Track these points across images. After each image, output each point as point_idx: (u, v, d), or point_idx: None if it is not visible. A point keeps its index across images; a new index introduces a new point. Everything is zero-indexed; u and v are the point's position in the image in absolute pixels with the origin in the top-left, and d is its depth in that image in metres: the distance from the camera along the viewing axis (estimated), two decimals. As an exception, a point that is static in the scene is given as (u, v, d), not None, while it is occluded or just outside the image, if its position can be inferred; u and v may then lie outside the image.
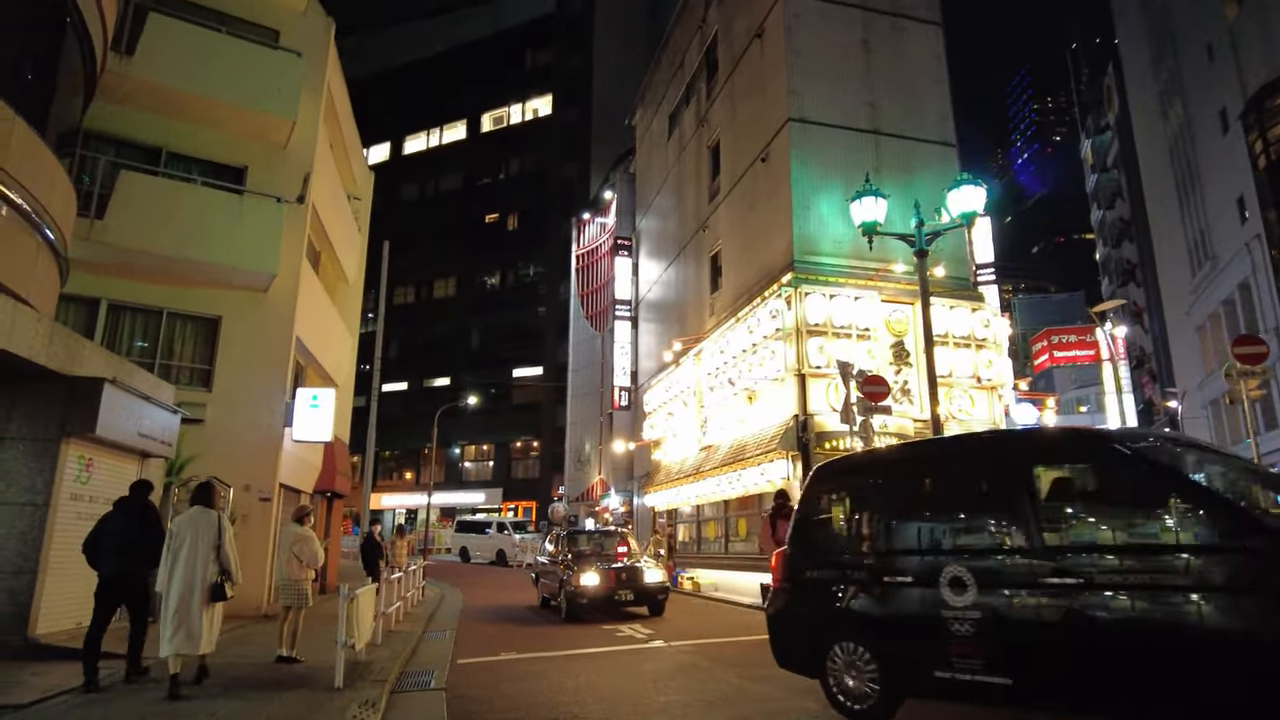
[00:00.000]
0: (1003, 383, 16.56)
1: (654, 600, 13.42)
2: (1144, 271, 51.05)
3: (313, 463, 17.59)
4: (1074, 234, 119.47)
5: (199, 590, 6.84)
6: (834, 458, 8.32)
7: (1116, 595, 4.35)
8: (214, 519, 7.09)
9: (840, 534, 6.41)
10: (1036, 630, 4.65)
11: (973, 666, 4.94)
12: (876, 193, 12.85)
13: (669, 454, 22.86)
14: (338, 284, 21.32)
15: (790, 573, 6.51)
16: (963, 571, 5.05)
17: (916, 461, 6.33)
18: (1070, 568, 4.55)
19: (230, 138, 14.72)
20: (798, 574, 6.44)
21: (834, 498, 6.67)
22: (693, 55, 24.02)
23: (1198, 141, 38.00)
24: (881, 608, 5.58)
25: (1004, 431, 7.80)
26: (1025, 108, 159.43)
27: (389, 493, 48.73)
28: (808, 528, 6.65)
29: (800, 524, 6.70)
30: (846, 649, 5.76)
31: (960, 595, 5.02)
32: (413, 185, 55.93)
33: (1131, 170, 51.14)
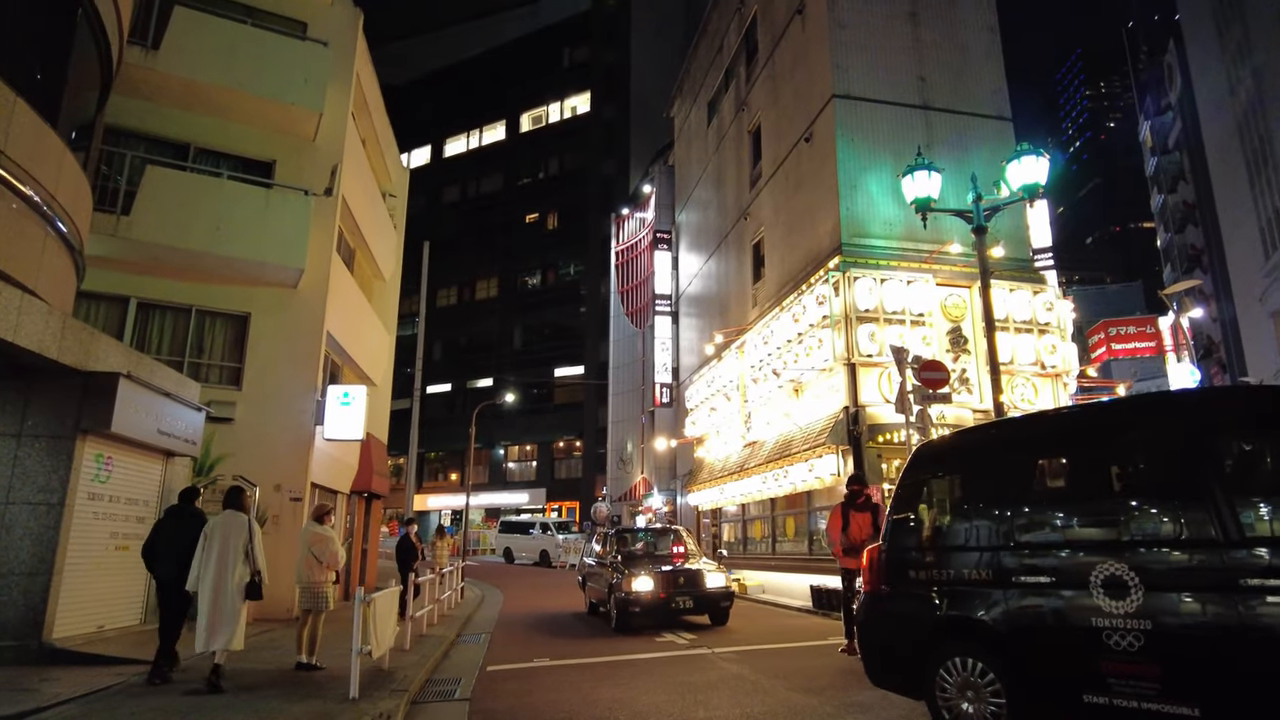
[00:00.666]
0: (1068, 369, 15.47)
1: (717, 607, 11.94)
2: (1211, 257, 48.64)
3: (348, 463, 17.29)
4: (1131, 222, 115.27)
5: (230, 591, 7.13)
6: (935, 437, 6.83)
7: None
8: (244, 522, 7.35)
9: (951, 527, 5.34)
10: (1237, 645, 3.65)
11: (1140, 691, 3.97)
12: (930, 166, 12.00)
13: (712, 451, 22.12)
14: (374, 282, 21.08)
15: (887, 574, 5.59)
16: (1122, 569, 4.09)
17: (1052, 435, 5.18)
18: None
19: (258, 131, 14.47)
20: (897, 575, 5.51)
21: (941, 483, 5.61)
22: (731, 39, 23.27)
23: (1270, 116, 35.94)
24: (1009, 615, 4.58)
25: (1174, 394, 6.40)
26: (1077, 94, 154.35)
27: (435, 494, 48.83)
28: (908, 520, 5.66)
29: (899, 516, 5.71)
30: (962, 666, 4.83)
31: (1119, 600, 4.07)
32: (454, 188, 56.06)
33: (1195, 151, 48.76)
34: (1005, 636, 4.59)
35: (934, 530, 5.47)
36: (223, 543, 7.15)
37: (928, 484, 5.70)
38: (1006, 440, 5.45)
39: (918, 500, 5.68)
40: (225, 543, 7.15)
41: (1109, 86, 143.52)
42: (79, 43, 9.35)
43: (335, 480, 16.49)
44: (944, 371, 11.44)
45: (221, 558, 7.11)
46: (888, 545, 5.66)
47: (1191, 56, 47.91)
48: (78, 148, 9.62)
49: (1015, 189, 11.64)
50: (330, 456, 15.49)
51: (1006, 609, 4.61)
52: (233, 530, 7.23)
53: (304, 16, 15.45)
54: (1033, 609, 4.50)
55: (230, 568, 7.11)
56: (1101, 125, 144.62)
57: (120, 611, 9.77)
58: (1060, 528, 4.67)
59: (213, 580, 7.06)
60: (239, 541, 7.19)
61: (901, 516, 5.69)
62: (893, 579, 5.53)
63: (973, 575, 4.89)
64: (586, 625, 13.03)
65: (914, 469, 5.87)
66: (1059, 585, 4.41)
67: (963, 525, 5.21)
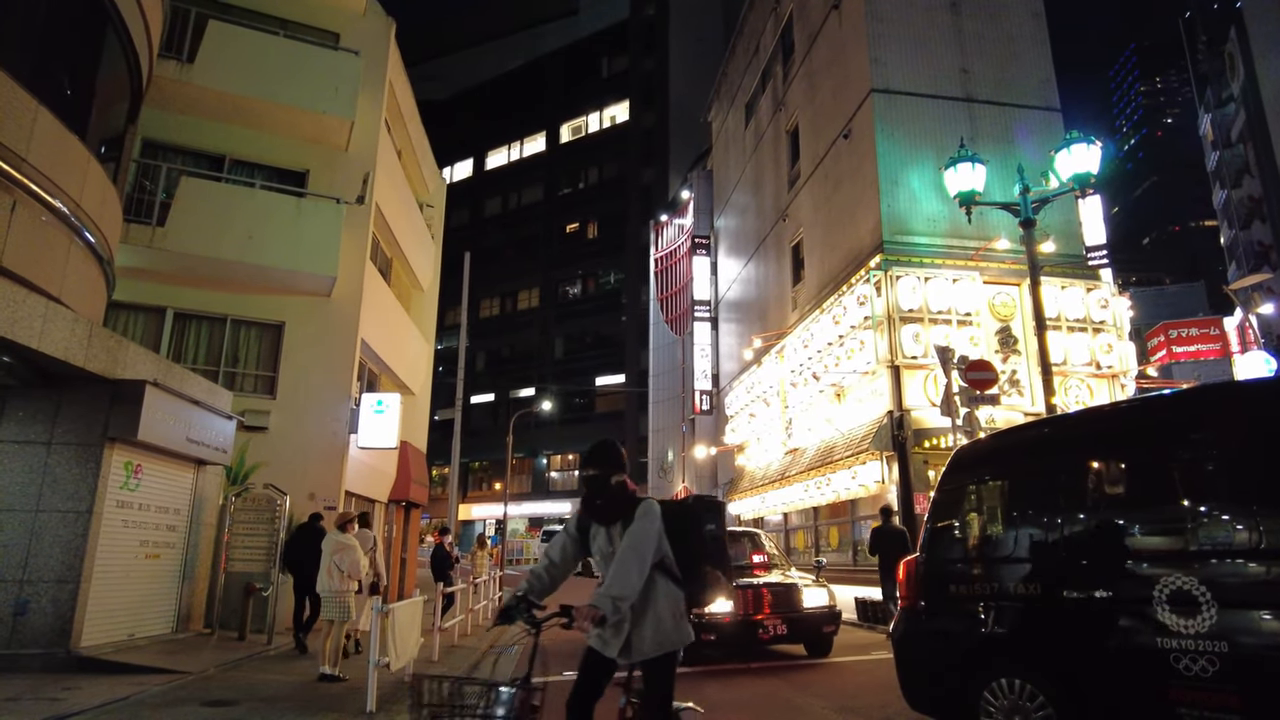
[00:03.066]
0: (1126, 370, 14.70)
1: (818, 634, 9.40)
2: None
3: (385, 471, 17.26)
4: (1191, 220, 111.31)
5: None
6: (977, 439, 6.01)
7: None
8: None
9: (997, 536, 4.80)
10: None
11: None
12: (973, 158, 11.49)
13: (752, 459, 21.64)
14: (411, 292, 21.13)
15: (925, 588, 5.03)
16: (1190, 583, 3.60)
17: (1109, 432, 4.57)
18: None
19: (291, 141, 14.55)
20: (936, 589, 4.96)
21: (985, 488, 5.06)
22: (768, 39, 22.89)
23: (1340, 104, 34.16)
24: (1063, 634, 4.09)
25: (1247, 382, 5.54)
26: (1131, 90, 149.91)
27: (478, 503, 49.02)
28: (949, 529, 5.13)
29: (938, 525, 5.18)
30: (1008, 689, 4.30)
31: (1189, 619, 3.58)
32: (495, 200, 56.56)
33: (1260, 142, 46.69)
34: (1059, 658, 4.11)
35: (978, 540, 4.97)
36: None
37: (970, 489, 5.17)
38: (1058, 439, 4.87)
39: (959, 507, 5.17)
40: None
41: (1165, 81, 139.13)
42: (107, 56, 9.42)
43: (372, 489, 16.45)
44: (991, 372, 10.87)
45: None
46: (926, 557, 5.13)
47: (1255, 44, 45.96)
48: (107, 159, 9.69)
49: (1065, 179, 11.08)
50: (367, 465, 15.45)
51: (1060, 627, 4.11)
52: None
53: (336, 27, 15.54)
54: (1089, 627, 4.01)
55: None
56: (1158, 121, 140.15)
57: (151, 620, 9.74)
58: (1120, 536, 4.13)
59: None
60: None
61: (941, 525, 5.17)
62: (932, 593, 5.02)
63: (1022, 589, 4.40)
64: None
65: (954, 473, 5.30)
66: (1119, 601, 3.92)
67: (1010, 534, 4.69)
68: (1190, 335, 52.24)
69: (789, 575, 10.01)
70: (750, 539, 11.64)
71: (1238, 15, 49.66)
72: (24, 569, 8.09)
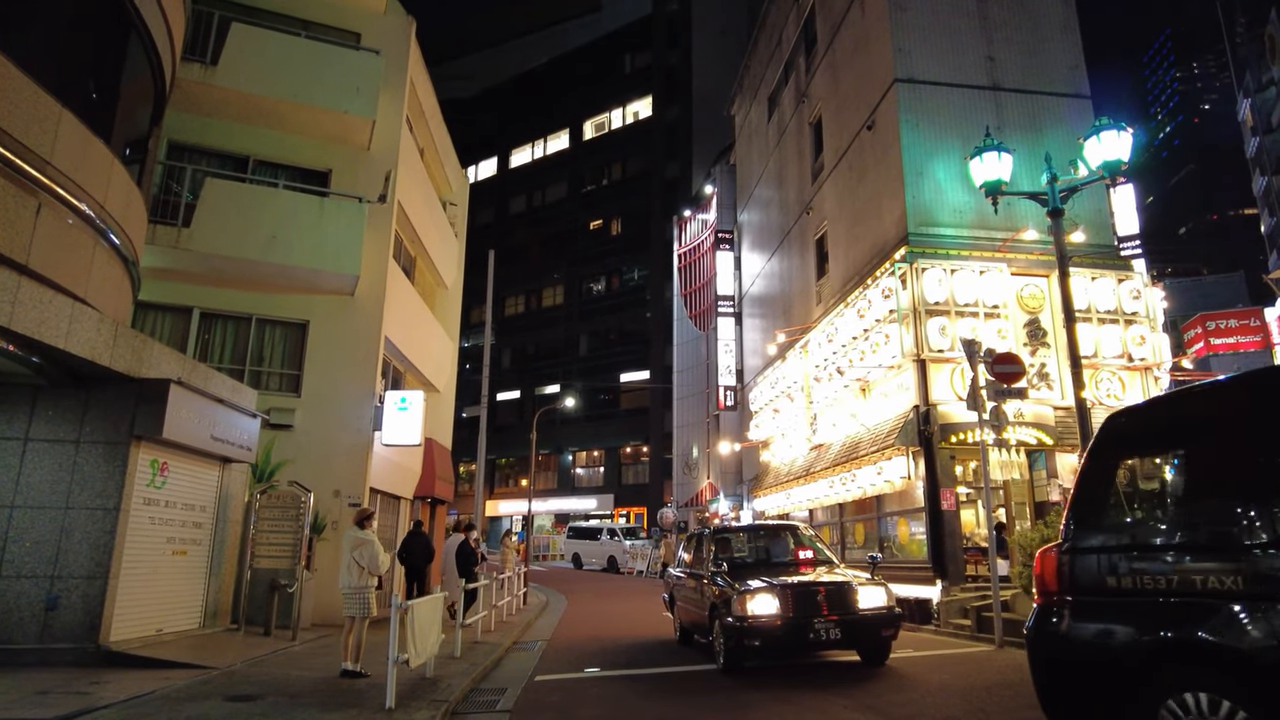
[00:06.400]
0: (1159, 362, 14.34)
1: (876, 638, 8.37)
2: (1321, 241, 45.14)
3: (410, 468, 17.38)
4: (1230, 209, 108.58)
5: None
6: (1136, 403, 4.92)
7: None
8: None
9: (1173, 519, 3.95)
10: None
11: None
12: (1000, 147, 11.26)
13: (777, 455, 21.49)
14: (435, 290, 21.24)
15: (1072, 582, 4.27)
16: None
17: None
18: None
19: (313, 142, 14.69)
20: (1087, 583, 4.19)
21: (1154, 463, 4.25)
22: (790, 31, 22.66)
23: (1385, 87, 33.07)
24: (1272, 637, 3.29)
25: None
26: (1166, 76, 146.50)
27: (505, 499, 49.29)
28: (1103, 510, 4.34)
29: (1087, 505, 4.38)
30: (1195, 705, 3.49)
31: None
32: (520, 197, 56.75)
33: (1301, 128, 45.38)
34: (1265, 667, 3.28)
35: (1145, 524, 4.14)
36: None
37: (1130, 464, 4.35)
38: (1257, 402, 3.91)
39: (1118, 485, 4.35)
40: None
41: (1202, 66, 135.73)
42: (130, 59, 9.54)
43: (397, 485, 16.57)
44: (1018, 365, 10.66)
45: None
46: (1071, 545, 4.33)
47: (1294, 27, 44.62)
48: (131, 162, 9.82)
49: (1094, 168, 10.82)
50: (391, 462, 15.57)
51: (1268, 629, 3.30)
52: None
53: (357, 27, 15.63)
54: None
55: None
56: (1195, 108, 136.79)
57: (179, 615, 9.89)
58: None
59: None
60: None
61: (1092, 506, 4.38)
62: (1080, 588, 4.25)
63: (1211, 583, 3.60)
64: (669, 653, 10.23)
65: (1108, 446, 4.45)
66: None
67: (1192, 517, 3.88)
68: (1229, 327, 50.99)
69: (841, 572, 9.03)
70: (791, 533, 10.86)
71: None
72: (54, 565, 8.24)
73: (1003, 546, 12.39)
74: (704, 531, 11.39)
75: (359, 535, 8.13)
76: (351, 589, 8.00)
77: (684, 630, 10.95)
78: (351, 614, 8.01)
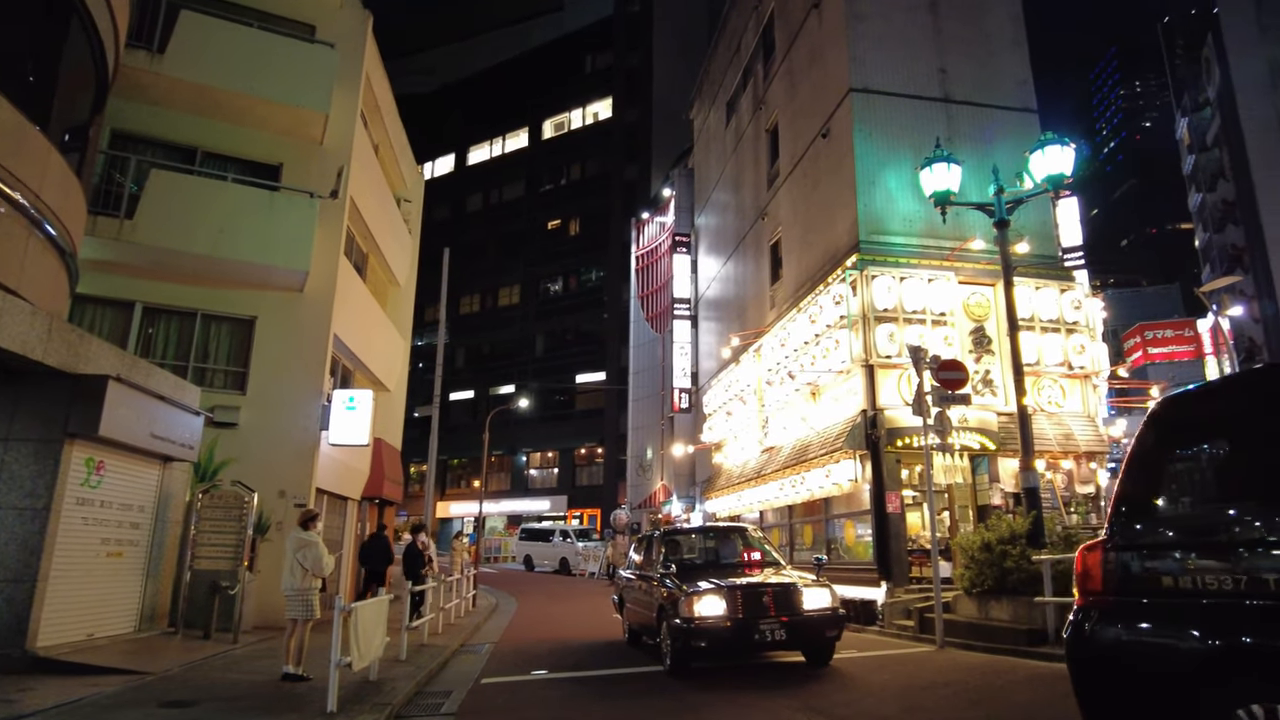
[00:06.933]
0: (1098, 370, 14.81)
1: (820, 639, 8.48)
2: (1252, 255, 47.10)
3: (358, 468, 17.12)
4: (1168, 223, 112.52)
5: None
6: (1190, 386, 4.42)
7: None
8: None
9: (1237, 511, 3.57)
10: None
11: None
12: (949, 158, 11.56)
13: (730, 457, 21.68)
14: (388, 287, 20.95)
15: (1120, 581, 3.83)
16: None
17: None
18: None
19: (264, 135, 14.38)
20: (1139, 583, 3.76)
21: (1216, 450, 3.86)
22: (749, 38, 22.88)
23: (1313, 109, 34.64)
24: None
25: None
26: (1111, 93, 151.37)
27: (457, 501, 48.79)
28: (1158, 503, 3.95)
29: (1138, 498, 3.97)
30: (1264, 719, 3.10)
31: None
32: (477, 195, 56.28)
33: (1235, 147, 47.28)
34: None
35: (1207, 518, 3.71)
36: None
37: (1188, 452, 3.99)
38: None
39: (1171, 476, 3.99)
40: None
41: (1144, 84, 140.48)
42: (71, 44, 9.24)
43: (344, 486, 16.32)
44: (962, 371, 10.93)
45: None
46: (1119, 541, 3.89)
47: (1230, 49, 46.53)
48: (70, 150, 9.51)
49: (1039, 180, 11.17)
50: (339, 462, 15.32)
51: None
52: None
53: (312, 19, 15.36)
54: None
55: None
56: (1137, 124, 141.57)
57: (112, 619, 9.59)
58: None
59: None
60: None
61: (1143, 500, 3.97)
62: (1130, 588, 3.81)
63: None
64: (616, 654, 10.18)
65: (1161, 432, 4.00)
66: None
67: (1262, 510, 3.46)
68: (1165, 337, 52.89)
69: (787, 574, 9.12)
70: (740, 535, 10.91)
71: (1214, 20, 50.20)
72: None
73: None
74: (654, 534, 11.39)
75: (303, 536, 7.98)
76: (294, 591, 7.86)
77: (633, 632, 10.93)
78: (294, 616, 7.86)
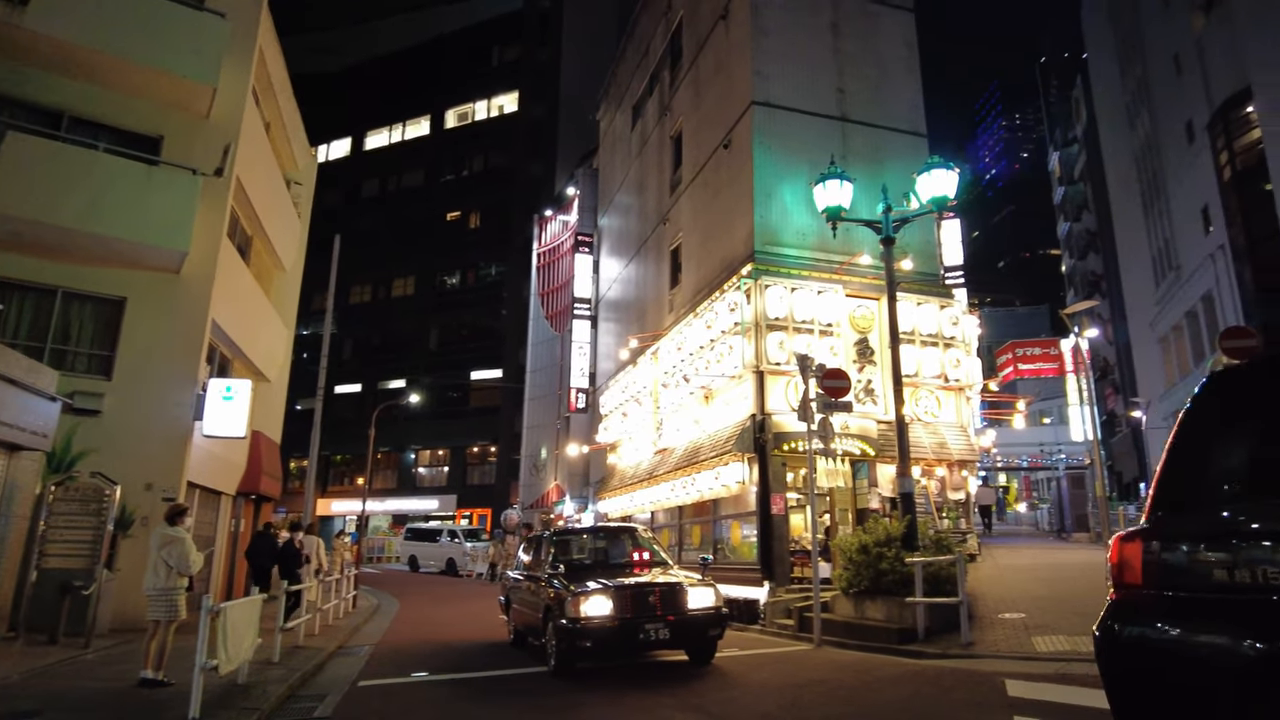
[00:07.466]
0: (971, 383, 15.74)
1: (702, 637, 8.62)
2: (1109, 283, 51.13)
3: (234, 462, 16.30)
4: (1039, 249, 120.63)
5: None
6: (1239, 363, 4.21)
7: None
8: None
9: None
10: None
11: None
12: (842, 176, 11.99)
13: (624, 458, 21.83)
14: (273, 273, 20.03)
15: (1165, 572, 3.32)
16: None
17: None
18: None
19: (143, 104, 13.50)
20: (1187, 575, 3.26)
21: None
22: (658, 43, 23.12)
23: (1164, 152, 37.92)
24: None
25: None
26: (994, 124, 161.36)
27: (340, 498, 47.04)
28: (1211, 487, 3.44)
29: (1187, 481, 3.49)
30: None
31: None
32: (373, 182, 54.45)
33: (1098, 182, 51.26)
34: None
35: (1269, 506, 3.19)
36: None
37: (1248, 427, 3.51)
38: None
39: (1228, 456, 3.52)
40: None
41: (1023, 118, 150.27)
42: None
43: (218, 480, 15.50)
44: (846, 380, 11.40)
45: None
46: (1165, 529, 3.42)
47: (1096, 93, 50.36)
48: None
49: (925, 201, 11.73)
50: (213, 455, 14.54)
51: None
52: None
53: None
54: None
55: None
56: (1016, 155, 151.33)
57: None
58: None
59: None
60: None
61: (1193, 484, 3.50)
62: (1177, 582, 3.33)
63: None
64: (501, 656, 10.02)
65: (1219, 404, 3.57)
66: None
67: None
68: (1034, 354, 56.65)
69: (674, 574, 9.22)
70: (630, 535, 10.85)
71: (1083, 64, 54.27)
72: None
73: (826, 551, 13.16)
74: (543, 534, 11.32)
75: (169, 532, 7.54)
76: (157, 590, 7.41)
77: (518, 633, 10.86)
78: (156, 618, 7.41)
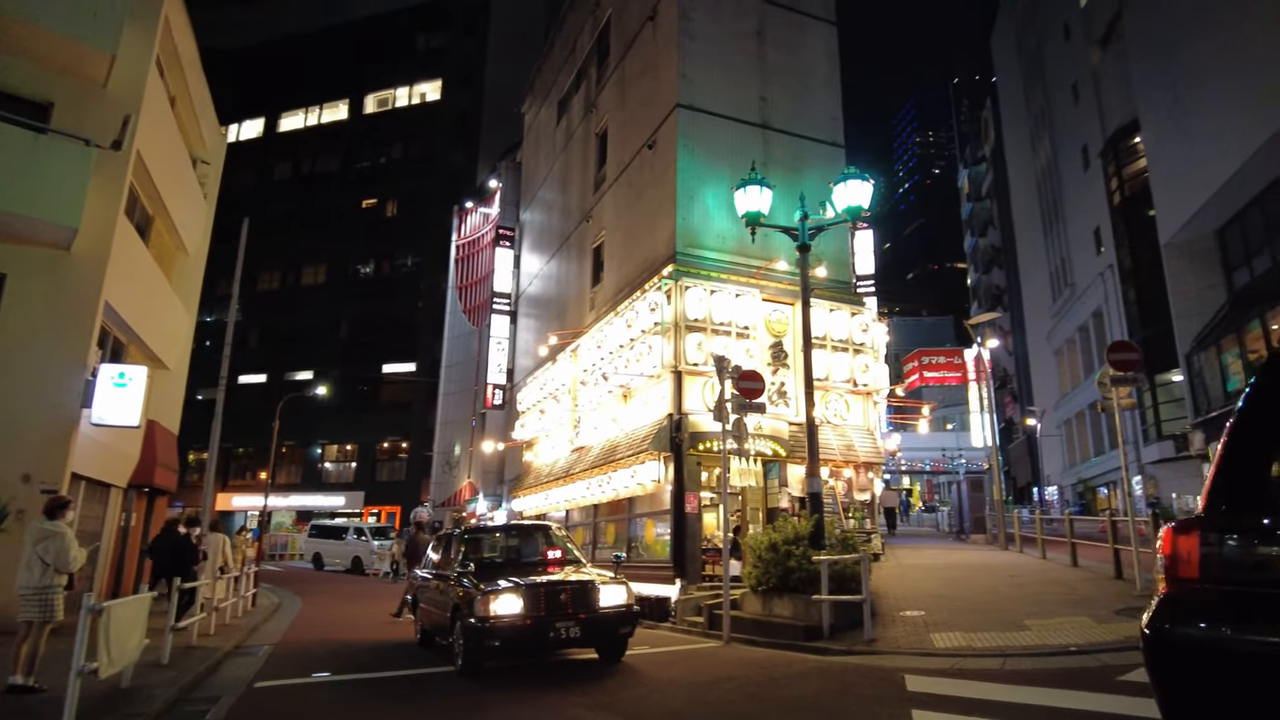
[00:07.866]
0: (879, 389, 16.28)
1: (613, 635, 8.64)
2: (1010, 296, 53.78)
3: (126, 452, 15.43)
4: (947, 261, 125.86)
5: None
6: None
7: None
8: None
9: None
10: None
11: None
12: (762, 182, 12.20)
13: (541, 456, 21.67)
14: (175, 255, 19.02)
15: (1228, 565, 3.06)
16: None
17: None
18: None
19: (30, 66, 12.59)
20: (1254, 569, 3.01)
21: None
22: (585, 39, 23.04)
23: (1062, 176, 40.16)
24: None
25: None
26: (909, 140, 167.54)
27: (241, 493, 45.15)
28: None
29: (1252, 469, 3.17)
30: None
31: None
32: (286, 165, 52.45)
33: (1003, 200, 53.85)
34: None
35: None
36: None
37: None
38: None
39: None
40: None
41: (936, 136, 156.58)
42: None
43: (108, 472, 14.64)
44: (760, 382, 11.61)
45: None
46: (1226, 520, 3.14)
47: (1004, 115, 52.88)
48: None
49: (840, 210, 12.03)
50: (102, 445, 13.71)
51: None
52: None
53: (102, -55, 13.64)
54: None
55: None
56: (928, 171, 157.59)
57: None
58: None
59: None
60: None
61: (1258, 472, 3.17)
62: (1240, 576, 3.06)
63: None
64: (405, 656, 9.82)
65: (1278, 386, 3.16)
66: None
67: None
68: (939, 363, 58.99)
69: (586, 572, 9.26)
70: (542, 533, 10.81)
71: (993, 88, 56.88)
72: None
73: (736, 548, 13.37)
74: (454, 532, 11.13)
75: (47, 527, 7.06)
76: (31, 589, 6.93)
77: (425, 633, 10.63)
78: (29, 618, 6.93)
